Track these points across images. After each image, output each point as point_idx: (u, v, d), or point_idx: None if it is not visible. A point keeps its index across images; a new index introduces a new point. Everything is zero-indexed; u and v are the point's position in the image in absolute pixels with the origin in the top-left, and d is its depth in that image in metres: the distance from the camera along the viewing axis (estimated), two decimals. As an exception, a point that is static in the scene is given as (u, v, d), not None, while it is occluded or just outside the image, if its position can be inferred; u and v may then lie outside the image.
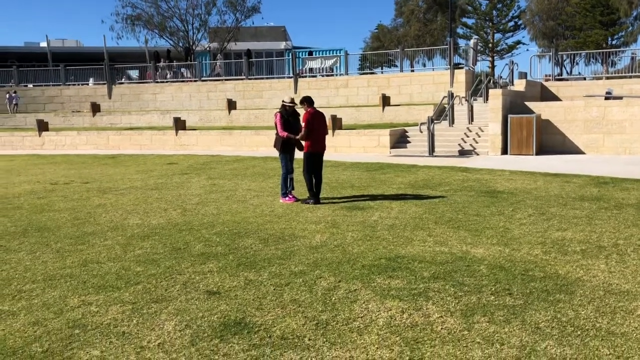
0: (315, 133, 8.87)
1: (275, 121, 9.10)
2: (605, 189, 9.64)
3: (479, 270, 5.23)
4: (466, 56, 26.33)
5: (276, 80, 27.75)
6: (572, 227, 6.90)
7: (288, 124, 9.03)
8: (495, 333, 3.83)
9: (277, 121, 9.05)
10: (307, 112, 8.82)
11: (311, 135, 8.82)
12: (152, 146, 21.51)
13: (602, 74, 30.24)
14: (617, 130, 15.53)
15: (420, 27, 55.02)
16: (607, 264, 5.33)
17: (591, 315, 4.10)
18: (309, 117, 8.78)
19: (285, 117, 9.02)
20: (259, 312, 4.34)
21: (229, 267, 5.57)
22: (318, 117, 8.96)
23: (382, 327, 4.00)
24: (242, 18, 39.50)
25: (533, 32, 53.83)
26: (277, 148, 9.17)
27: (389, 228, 7.11)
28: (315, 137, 8.88)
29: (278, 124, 9.02)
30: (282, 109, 9.09)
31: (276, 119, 9.08)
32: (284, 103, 9.12)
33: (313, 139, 8.86)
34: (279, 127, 9.01)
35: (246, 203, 9.22)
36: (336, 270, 5.35)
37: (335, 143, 18.15)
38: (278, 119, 9.03)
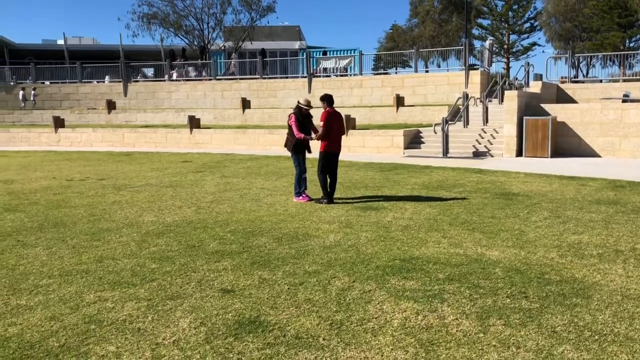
0: (333, 133, 8.81)
1: (290, 122, 9.01)
2: (622, 192, 9.54)
3: (494, 272, 5.20)
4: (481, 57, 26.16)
5: (290, 80, 27.78)
6: (588, 230, 6.83)
7: (302, 125, 8.97)
8: (511, 336, 3.81)
9: (292, 122, 8.97)
10: (326, 112, 8.74)
11: (329, 135, 8.77)
12: (166, 144, 21.63)
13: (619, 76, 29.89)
14: (635, 134, 15.36)
15: (435, 27, 54.79)
16: (625, 269, 5.27)
17: (609, 320, 4.05)
18: (327, 117, 8.70)
19: (300, 119, 8.97)
20: (274, 311, 4.35)
21: (243, 265, 5.59)
22: (336, 117, 8.89)
23: (396, 328, 3.99)
24: (257, 17, 39.57)
25: (549, 34, 53.41)
26: (289, 149, 9.11)
27: (403, 229, 7.08)
28: (332, 137, 8.82)
29: (293, 126, 8.93)
30: (297, 110, 9.02)
31: (291, 120, 8.99)
32: (300, 105, 9.06)
33: (330, 138, 8.81)
34: (295, 129, 8.91)
35: (260, 202, 9.24)
36: (350, 270, 5.35)
37: (349, 143, 18.13)
38: (293, 120, 8.95)
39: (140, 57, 39.59)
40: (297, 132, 8.92)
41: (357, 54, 28.06)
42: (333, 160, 8.98)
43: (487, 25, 53.86)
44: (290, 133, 9.04)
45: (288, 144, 9.10)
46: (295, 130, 8.92)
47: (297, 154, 9.11)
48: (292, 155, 9.15)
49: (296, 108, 9.08)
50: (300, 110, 9.02)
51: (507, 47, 52.26)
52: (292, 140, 9.01)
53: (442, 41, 51.93)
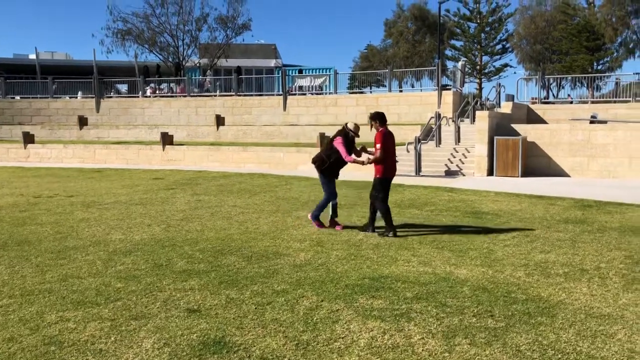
0: (390, 155, 7.82)
1: (335, 143, 8.04)
2: (589, 212, 9.72)
3: (461, 291, 5.22)
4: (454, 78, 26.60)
5: (265, 98, 27.83)
6: (555, 249, 6.93)
7: (348, 148, 8.05)
8: (476, 355, 3.82)
9: (338, 143, 8.01)
10: (380, 132, 7.74)
11: (385, 158, 7.72)
12: (138, 161, 21.39)
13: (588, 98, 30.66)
14: (602, 154, 15.71)
15: (409, 48, 55.57)
16: (589, 287, 5.34)
17: (572, 338, 4.10)
18: (383, 138, 7.69)
19: (346, 142, 8.04)
20: (239, 332, 4.29)
21: (210, 284, 5.52)
22: (391, 137, 7.90)
23: (363, 348, 3.97)
24: (233, 35, 39.73)
25: (520, 56, 54.58)
26: (320, 169, 8.19)
27: (373, 247, 7.09)
28: (390, 160, 7.82)
29: (340, 147, 7.97)
30: (344, 134, 8.10)
31: (337, 141, 8.04)
32: (348, 129, 8.12)
33: (388, 162, 7.78)
34: (343, 151, 7.95)
35: (231, 220, 9.17)
36: (319, 289, 5.32)
37: (322, 161, 18.17)
38: (340, 142, 8.00)
39: (114, 73, 39.23)
40: (347, 154, 7.95)
41: (332, 72, 28.28)
42: (389, 185, 7.98)
43: (460, 46, 54.83)
44: (329, 153, 8.12)
45: (319, 163, 8.18)
46: (343, 153, 7.96)
47: (330, 177, 8.27)
48: (324, 177, 8.26)
49: (342, 131, 8.16)
50: (346, 135, 8.09)
51: (479, 68, 53.23)
52: (325, 161, 8.12)
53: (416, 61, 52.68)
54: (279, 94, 27.78)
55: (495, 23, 52.47)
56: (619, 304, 4.87)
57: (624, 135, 15.49)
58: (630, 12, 44.20)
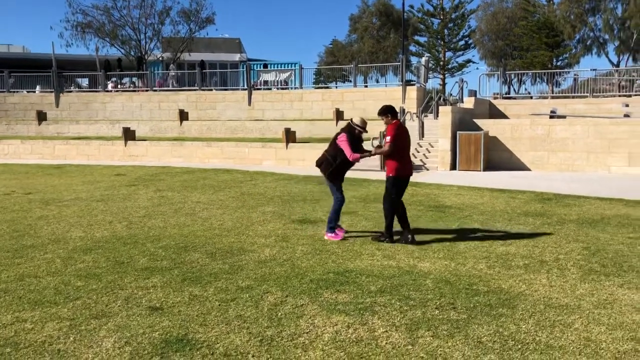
0: (404, 151, 7.08)
1: (339, 141, 7.23)
2: (548, 205, 9.95)
3: (424, 284, 5.28)
4: (418, 73, 26.85)
5: (230, 92, 27.56)
6: (516, 242, 7.07)
7: (353, 147, 7.25)
8: (438, 347, 3.86)
9: (342, 141, 7.21)
10: (393, 124, 7.02)
11: (398, 153, 6.99)
12: (100, 157, 20.95)
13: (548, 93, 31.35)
14: (561, 148, 16.10)
15: (373, 43, 55.85)
16: (549, 279, 5.47)
17: (531, 329, 4.18)
18: (395, 130, 6.94)
19: (351, 140, 7.23)
20: (203, 329, 4.24)
21: (173, 282, 5.44)
22: (405, 132, 7.18)
23: (327, 342, 3.97)
24: (196, 29, 39.22)
25: (483, 52, 55.44)
26: (326, 172, 7.34)
27: (338, 242, 7.11)
28: (404, 156, 7.08)
29: (344, 146, 7.17)
30: (348, 131, 7.28)
31: (341, 139, 7.22)
32: (354, 125, 7.30)
33: (401, 159, 7.03)
34: (347, 149, 7.16)
35: (195, 216, 9.06)
36: (284, 285, 5.30)
37: (289, 156, 18.14)
38: (344, 139, 7.19)
39: (74, 67, 38.28)
40: (350, 152, 7.15)
41: (297, 67, 28.21)
42: (405, 186, 7.24)
43: (424, 42, 55.44)
44: (334, 154, 7.27)
45: (324, 166, 7.34)
46: (347, 151, 7.15)
47: (336, 180, 7.39)
48: (329, 181, 7.42)
49: (347, 128, 7.33)
50: (352, 131, 7.28)
51: (442, 64, 53.88)
52: (331, 163, 7.26)
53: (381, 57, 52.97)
54: (243, 88, 27.55)
55: (458, 19, 53.21)
56: (577, 294, 5.00)
57: (582, 129, 15.90)
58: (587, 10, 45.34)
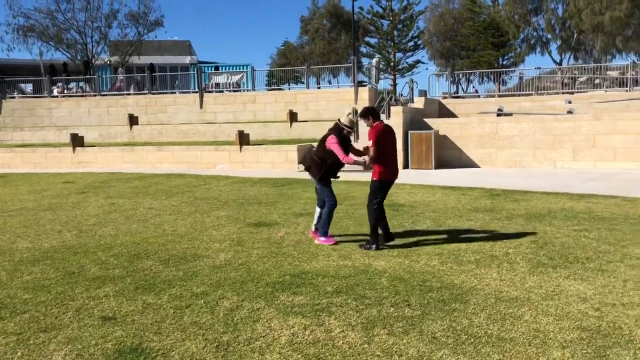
0: (389, 154, 6.86)
1: (328, 143, 7.00)
2: (497, 200, 10.22)
3: (380, 282, 5.35)
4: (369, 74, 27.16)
5: (181, 95, 27.17)
6: (467, 237, 7.24)
7: (344, 147, 7.02)
8: (394, 345, 3.92)
9: (332, 144, 6.96)
10: (374, 128, 6.72)
11: (382, 157, 6.74)
12: (47, 164, 20.29)
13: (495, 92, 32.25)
14: (508, 145, 16.57)
15: (325, 45, 56.08)
16: (499, 273, 5.62)
17: (483, 322, 4.30)
18: (378, 133, 6.66)
19: (340, 141, 7.01)
20: (157, 337, 4.17)
21: (126, 290, 5.33)
22: (390, 133, 6.90)
23: (284, 345, 3.97)
24: (145, 32, 38.48)
25: (431, 52, 56.44)
26: (315, 175, 7.13)
27: (295, 244, 7.12)
28: (389, 159, 6.84)
29: (335, 148, 6.92)
30: (337, 132, 7.04)
31: (331, 140, 6.97)
32: (342, 125, 7.07)
33: (386, 162, 6.79)
34: (340, 152, 6.90)
35: (147, 222, 8.89)
36: (240, 289, 5.27)
37: (243, 159, 18.02)
38: (335, 141, 6.93)
39: (17, 72, 36.93)
40: (343, 155, 6.91)
41: (249, 69, 28.06)
42: (387, 190, 7.02)
43: (374, 43, 56.01)
44: (323, 156, 7.06)
45: (314, 169, 7.11)
46: (340, 154, 6.90)
47: (326, 182, 7.19)
48: (321, 183, 7.19)
49: (335, 128, 7.09)
50: (340, 132, 7.05)
51: (393, 65, 54.60)
52: (320, 165, 7.05)
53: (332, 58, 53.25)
54: (195, 91, 27.19)
55: (407, 20, 54.02)
56: (526, 287, 5.16)
57: (528, 126, 16.41)
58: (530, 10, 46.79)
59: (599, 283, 5.18)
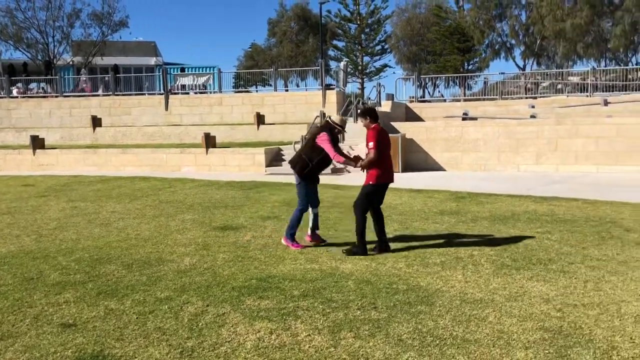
0: (386, 157, 6.68)
1: (319, 140, 6.80)
2: (462, 203, 10.35)
3: (347, 285, 5.34)
4: (337, 77, 27.23)
5: (146, 97, 26.76)
6: (432, 240, 7.30)
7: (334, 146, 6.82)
8: (360, 348, 3.91)
9: (322, 140, 6.76)
10: (373, 129, 6.54)
11: (379, 159, 6.53)
12: (5, 167, 19.71)
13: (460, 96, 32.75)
14: (473, 149, 16.81)
15: (292, 48, 56.09)
16: (464, 274, 5.68)
17: (449, 324, 4.33)
18: (377, 136, 6.48)
19: (332, 138, 6.82)
20: (119, 343, 4.07)
21: (87, 296, 5.19)
22: (386, 136, 6.73)
23: (249, 350, 3.93)
24: (109, 32, 37.88)
25: (398, 56, 57.01)
26: (299, 172, 6.88)
27: (261, 248, 7.06)
28: (385, 162, 6.65)
29: (326, 145, 6.73)
30: (329, 129, 6.87)
31: (321, 137, 6.77)
32: (333, 123, 6.91)
33: (383, 165, 6.59)
34: (331, 149, 6.72)
35: (110, 226, 8.71)
36: (205, 294, 5.19)
37: (209, 162, 17.84)
38: (326, 138, 6.74)
39: (-27, 72, 35.88)
40: (335, 153, 6.73)
41: (216, 71, 27.82)
42: (383, 194, 6.88)
43: (342, 46, 56.21)
44: (310, 154, 6.86)
45: (300, 166, 6.86)
46: (331, 151, 6.72)
47: (307, 182, 6.95)
48: (300, 182, 6.95)
49: (326, 126, 6.93)
50: (332, 130, 6.88)
51: (361, 68, 54.90)
52: (308, 164, 6.82)
53: (300, 61, 53.30)
54: (160, 93, 26.82)
55: (374, 24, 54.38)
56: (490, 288, 5.22)
57: (492, 130, 16.69)
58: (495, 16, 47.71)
59: (561, 284, 5.28)
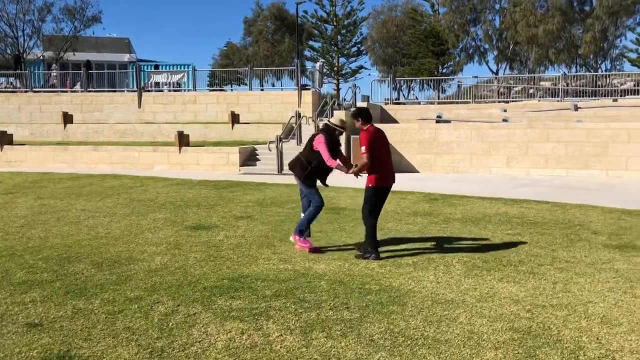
0: (382, 160, 6.53)
1: (316, 143, 6.70)
2: (435, 204, 10.44)
3: (319, 285, 5.33)
4: (313, 78, 27.25)
5: (118, 94, 26.37)
6: (406, 241, 7.34)
7: (331, 151, 6.73)
8: (332, 348, 3.91)
9: (319, 144, 6.66)
10: (365, 131, 6.41)
11: (376, 162, 6.43)
12: (-28, 163, 19.23)
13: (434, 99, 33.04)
14: (447, 151, 16.98)
15: (268, 47, 55.97)
16: (435, 275, 5.72)
17: (420, 325, 4.35)
18: (370, 138, 6.34)
19: (329, 143, 6.72)
20: (87, 344, 4.00)
21: (55, 295, 5.09)
22: (381, 136, 6.61)
23: (220, 350, 3.89)
24: (82, 27, 37.29)
25: (374, 58, 57.34)
26: (299, 175, 6.81)
27: (234, 247, 7.01)
28: (384, 165, 6.53)
29: (322, 149, 6.64)
30: (327, 132, 6.80)
31: (318, 140, 6.69)
32: (333, 125, 6.81)
33: (382, 167, 6.48)
34: (326, 153, 6.63)
35: (80, 225, 8.55)
36: (176, 293, 5.13)
37: (182, 160, 17.68)
38: (322, 141, 6.65)
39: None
40: (329, 157, 6.63)
41: (190, 69, 27.56)
42: (386, 196, 6.70)
43: (318, 47, 56.31)
44: (309, 157, 6.78)
45: (298, 169, 6.82)
46: (325, 155, 6.62)
47: (311, 184, 6.85)
48: (304, 185, 6.85)
49: (325, 129, 6.87)
50: (330, 133, 6.80)
51: (337, 69, 55.04)
52: (305, 165, 6.76)
53: (276, 61, 53.20)
54: (133, 90, 26.45)
55: (350, 26, 54.60)
56: (461, 289, 5.27)
57: (465, 133, 16.88)
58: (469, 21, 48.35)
59: (531, 285, 5.36)
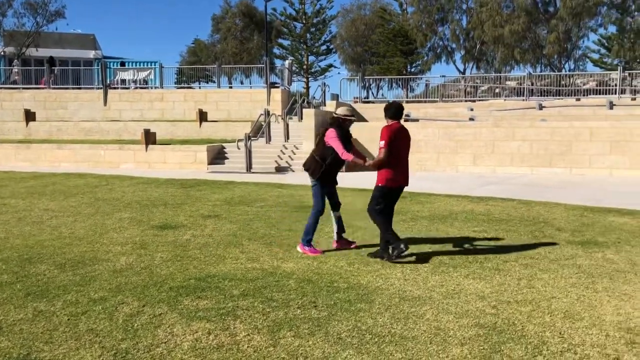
0: (401, 158, 6.27)
1: (328, 139, 6.40)
2: (403, 202, 10.47)
3: (288, 284, 5.31)
4: (282, 76, 27.15)
5: (83, 91, 25.88)
6: (374, 238, 7.36)
7: (344, 143, 6.42)
8: (299, 347, 3.90)
9: (331, 138, 6.36)
10: (387, 127, 6.13)
11: (393, 160, 6.13)
12: None
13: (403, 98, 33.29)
14: (415, 149, 17.05)
15: (237, 44, 55.60)
16: (403, 272, 5.76)
17: (387, 322, 4.37)
18: (390, 133, 6.06)
19: (341, 135, 6.43)
20: (48, 347, 3.90)
21: (15, 297, 4.95)
22: (404, 134, 6.28)
23: (186, 351, 3.84)
24: (44, 22, 36.38)
25: (343, 57, 57.52)
26: (314, 175, 6.50)
27: (201, 247, 6.94)
28: (400, 164, 6.25)
29: (335, 143, 6.32)
30: (338, 125, 6.48)
31: (330, 135, 6.37)
32: (341, 116, 6.52)
33: (396, 167, 6.19)
34: (340, 146, 6.29)
35: (42, 225, 8.34)
36: (141, 294, 5.05)
37: (149, 159, 17.42)
38: (335, 136, 6.33)
39: None
40: (343, 151, 6.30)
41: (157, 66, 27.19)
42: (396, 197, 6.49)
43: (287, 45, 56.16)
44: (323, 154, 6.48)
45: (313, 168, 6.50)
46: (339, 148, 6.29)
47: (322, 184, 6.55)
48: (315, 185, 6.57)
49: (335, 122, 6.53)
50: (341, 124, 6.50)
51: (306, 67, 54.99)
52: (320, 164, 6.44)
53: (245, 58, 52.88)
54: (98, 87, 25.98)
55: (320, 24, 54.60)
56: (428, 286, 5.31)
57: (433, 132, 17.05)
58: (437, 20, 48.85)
59: (496, 282, 5.44)
